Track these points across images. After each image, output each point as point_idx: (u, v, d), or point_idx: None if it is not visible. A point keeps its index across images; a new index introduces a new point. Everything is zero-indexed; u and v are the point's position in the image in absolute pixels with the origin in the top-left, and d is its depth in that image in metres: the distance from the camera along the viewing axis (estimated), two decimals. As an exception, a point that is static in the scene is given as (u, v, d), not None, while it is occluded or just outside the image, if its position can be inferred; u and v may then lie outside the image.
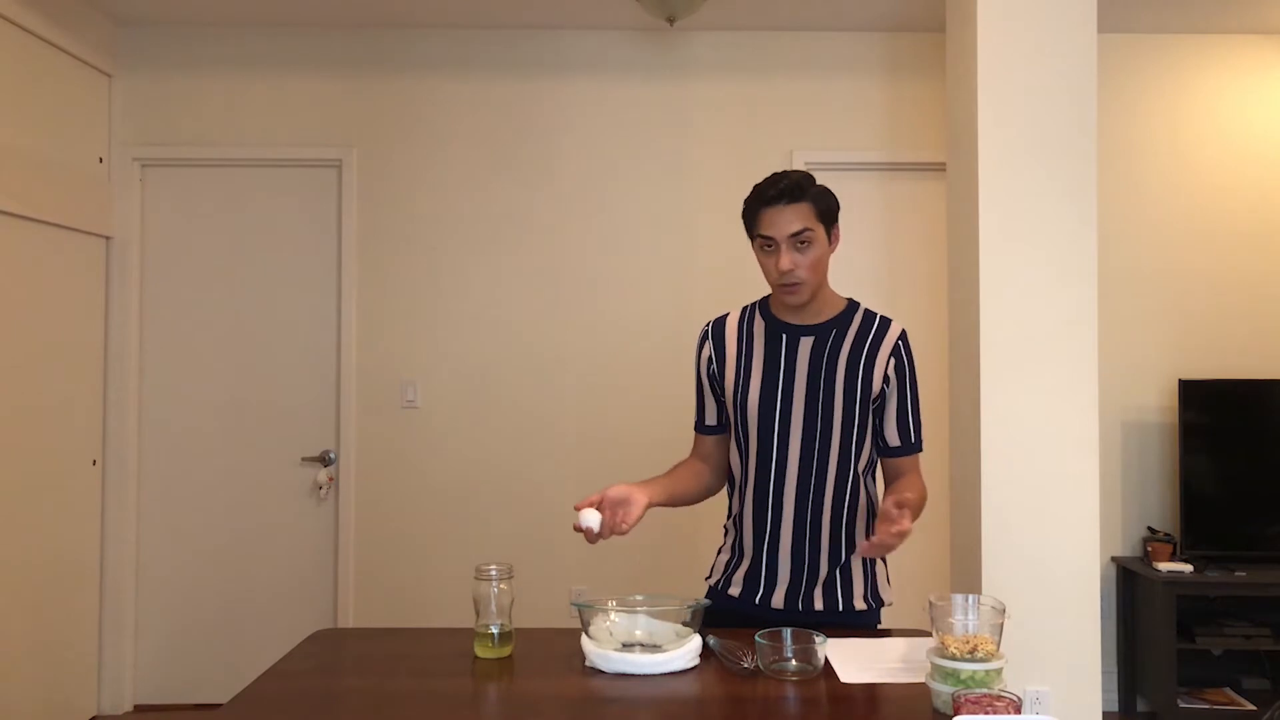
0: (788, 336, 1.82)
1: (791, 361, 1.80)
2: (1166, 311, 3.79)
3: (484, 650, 1.58)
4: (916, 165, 3.81)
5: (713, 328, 1.91)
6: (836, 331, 1.81)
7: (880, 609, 1.85)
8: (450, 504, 3.75)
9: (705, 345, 1.91)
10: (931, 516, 3.81)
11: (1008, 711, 1.18)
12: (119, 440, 3.69)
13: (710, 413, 1.93)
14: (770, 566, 1.81)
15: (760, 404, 1.80)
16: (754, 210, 1.78)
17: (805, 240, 1.74)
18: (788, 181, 1.74)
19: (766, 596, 1.80)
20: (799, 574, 1.79)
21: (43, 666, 3.29)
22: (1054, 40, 2.74)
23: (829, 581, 1.79)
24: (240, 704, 1.37)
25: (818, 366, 1.79)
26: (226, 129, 3.78)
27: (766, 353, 1.82)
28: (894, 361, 1.79)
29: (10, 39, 3.14)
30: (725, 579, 1.87)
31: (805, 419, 1.78)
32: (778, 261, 1.74)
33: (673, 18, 3.08)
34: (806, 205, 1.74)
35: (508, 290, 3.79)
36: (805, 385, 1.78)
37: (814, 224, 1.75)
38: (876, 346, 1.80)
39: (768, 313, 1.87)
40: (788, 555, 1.79)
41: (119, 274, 3.72)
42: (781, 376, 1.80)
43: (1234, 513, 3.55)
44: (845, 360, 1.79)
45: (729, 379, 1.86)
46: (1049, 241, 2.74)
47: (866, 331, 1.81)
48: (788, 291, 1.76)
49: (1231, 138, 3.80)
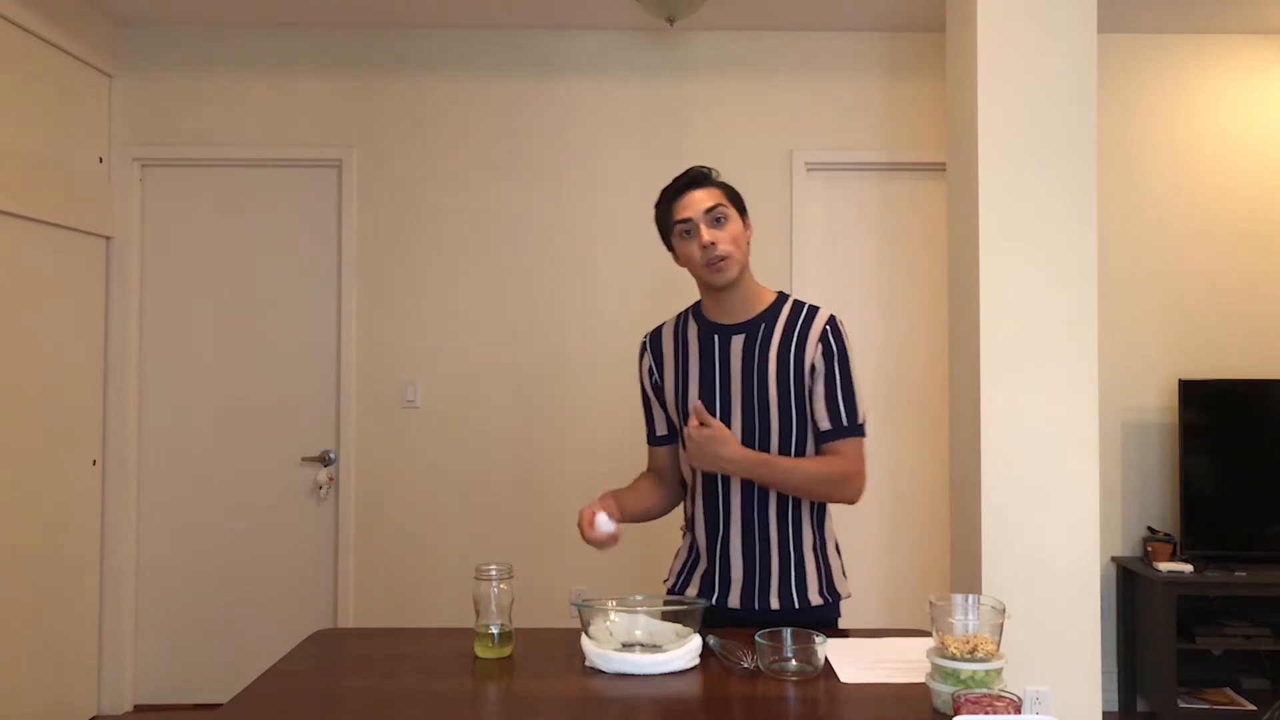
0: (719, 337, 1.83)
1: (725, 362, 1.81)
2: (1166, 311, 3.79)
3: (484, 650, 1.58)
4: (916, 165, 3.81)
5: (650, 339, 1.94)
6: (765, 326, 1.82)
7: (838, 603, 1.85)
8: (450, 504, 3.75)
9: (645, 357, 1.93)
10: (932, 516, 3.82)
11: (1008, 711, 1.18)
12: (119, 440, 3.69)
13: (659, 423, 1.95)
14: (723, 567, 1.82)
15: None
16: (666, 204, 1.82)
17: (720, 216, 1.77)
18: (694, 171, 1.83)
19: (723, 597, 1.81)
20: (750, 573, 1.80)
21: (43, 666, 3.29)
22: (1054, 40, 2.74)
23: (783, 578, 1.80)
24: (240, 704, 1.37)
25: (750, 363, 1.80)
26: (226, 129, 3.78)
27: (702, 357, 1.84)
28: (821, 347, 1.80)
29: (10, 39, 3.14)
30: (684, 580, 1.89)
31: (743, 418, 1.79)
32: (700, 239, 1.76)
33: (673, 18, 3.08)
34: (716, 189, 1.81)
35: (508, 290, 3.79)
36: (740, 384, 1.80)
37: (725, 203, 1.79)
38: (805, 335, 1.81)
39: (700, 316, 1.88)
40: (739, 555, 1.80)
41: (119, 274, 3.72)
42: (718, 378, 1.81)
43: (1234, 513, 3.55)
44: (776, 354, 1.80)
45: (669, 387, 1.88)
46: (1049, 241, 2.74)
47: (795, 322, 1.82)
48: (715, 269, 1.76)
49: (1231, 138, 3.80)
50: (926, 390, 3.82)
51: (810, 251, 3.79)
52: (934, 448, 3.82)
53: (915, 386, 3.83)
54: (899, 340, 3.83)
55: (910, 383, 3.83)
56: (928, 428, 3.82)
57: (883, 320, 3.82)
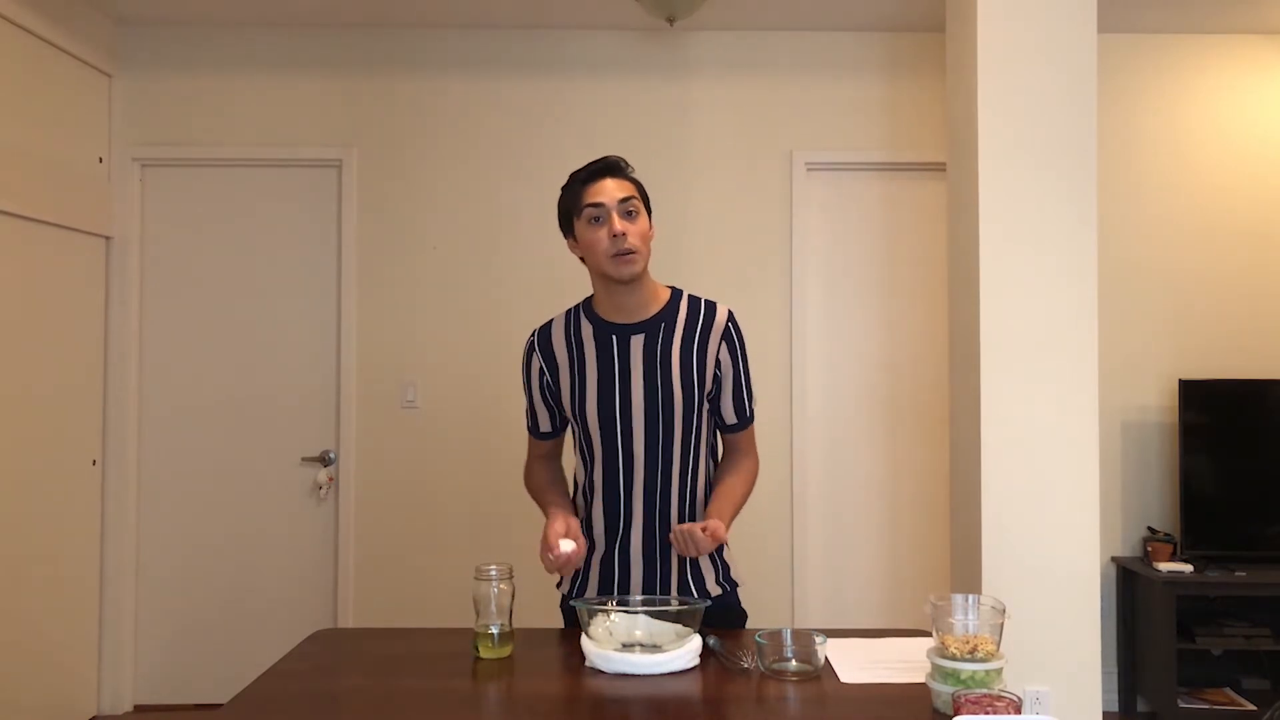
0: (618, 337, 1.80)
1: (625, 363, 1.78)
2: (1166, 311, 3.79)
3: (484, 650, 1.58)
4: (916, 165, 3.81)
5: (539, 338, 1.86)
6: (665, 325, 1.80)
7: (735, 590, 1.86)
8: (450, 504, 3.75)
9: (534, 358, 1.86)
10: (932, 516, 3.82)
11: (1008, 711, 1.18)
12: (119, 440, 3.69)
13: (544, 420, 1.90)
14: (623, 566, 1.81)
15: (600, 411, 1.79)
16: (577, 187, 1.77)
17: (632, 210, 1.75)
18: (609, 159, 1.78)
19: (622, 593, 1.80)
20: (651, 572, 1.80)
21: (43, 666, 3.29)
22: (1054, 40, 2.74)
23: (681, 575, 1.80)
24: (240, 704, 1.37)
25: (652, 364, 1.77)
26: (227, 129, 3.78)
27: (599, 357, 1.80)
28: (725, 345, 1.80)
29: (10, 39, 3.14)
30: (579, 586, 1.85)
31: (646, 419, 1.77)
32: (610, 228, 1.72)
33: (673, 18, 3.08)
34: (628, 181, 1.78)
35: (508, 290, 3.79)
36: (643, 385, 1.77)
37: (638, 198, 1.77)
38: (707, 334, 1.80)
39: (593, 315, 1.83)
40: (639, 554, 1.80)
41: (119, 274, 3.72)
42: (617, 380, 1.78)
43: (1234, 513, 3.55)
44: (679, 353, 1.78)
45: (564, 389, 1.83)
46: (1049, 241, 2.74)
47: (695, 320, 1.81)
48: (623, 261, 1.72)
49: (1231, 138, 3.80)
50: (926, 390, 3.82)
51: (810, 251, 3.79)
52: (934, 448, 3.82)
53: (915, 386, 3.83)
54: (899, 340, 3.83)
55: (910, 383, 3.83)
56: (928, 428, 3.82)
57: (883, 320, 3.82)
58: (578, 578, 1.87)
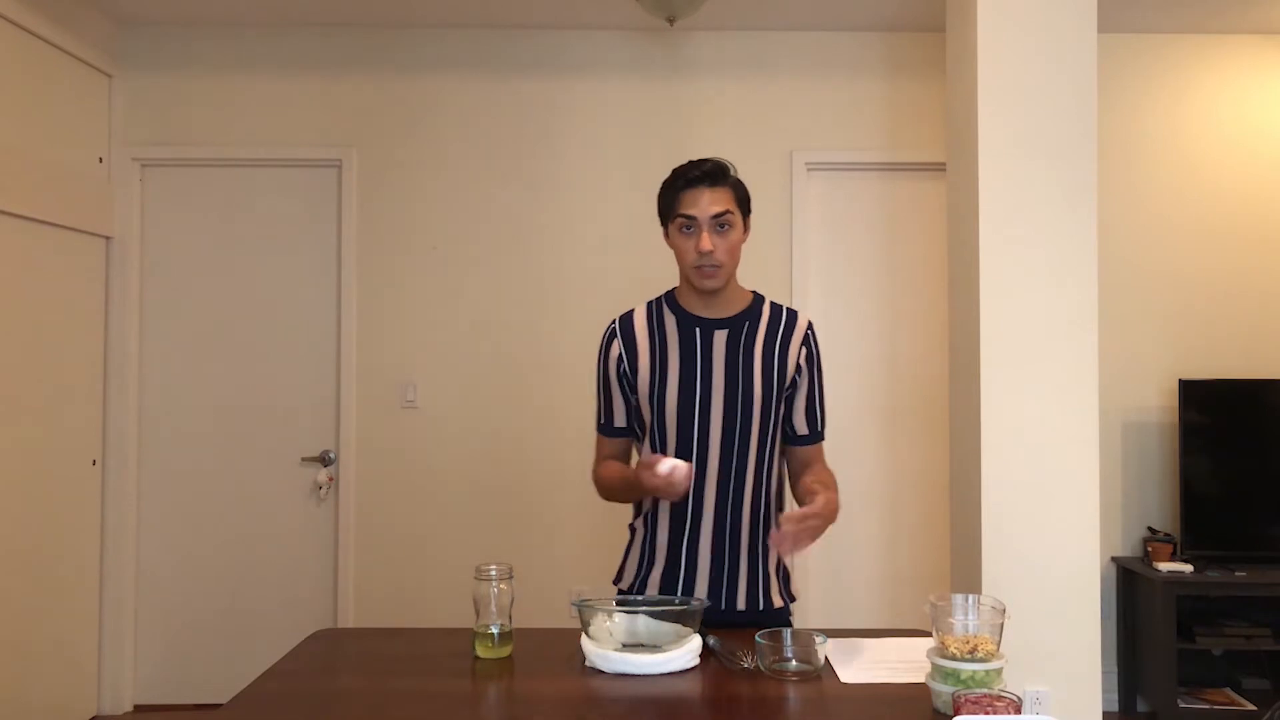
0: (701, 330, 1.80)
1: (708, 356, 1.79)
2: (1166, 311, 3.79)
3: (484, 650, 1.58)
4: (916, 165, 3.81)
5: (621, 325, 1.85)
6: (749, 324, 1.81)
7: (791, 604, 1.85)
8: (450, 504, 3.75)
9: (614, 344, 1.84)
10: (932, 516, 3.82)
11: (1008, 711, 1.18)
12: (119, 440, 3.69)
13: (619, 415, 1.86)
14: (690, 566, 1.79)
15: (680, 400, 1.77)
16: (674, 191, 1.77)
17: (726, 223, 1.75)
18: (711, 164, 1.76)
19: (686, 596, 1.78)
20: (719, 572, 1.78)
21: (43, 666, 3.29)
22: (1054, 40, 2.74)
23: (750, 580, 1.79)
24: (240, 704, 1.37)
25: (734, 360, 1.78)
26: (227, 129, 3.78)
27: (682, 348, 1.80)
28: (805, 351, 1.82)
29: (10, 39, 3.14)
30: (640, 582, 1.84)
31: (725, 414, 1.77)
32: (698, 242, 1.73)
33: (673, 18, 3.08)
34: (728, 190, 1.76)
35: (508, 290, 3.79)
36: (724, 379, 1.77)
37: (734, 209, 1.76)
38: (789, 337, 1.81)
39: (676, 306, 1.84)
40: (708, 553, 1.78)
41: (119, 274, 3.72)
42: (699, 371, 1.78)
43: (1234, 513, 3.55)
44: (760, 352, 1.79)
45: (643, 377, 1.81)
46: (1049, 242, 2.74)
47: (777, 323, 1.82)
48: (706, 274, 1.75)
49: (1231, 138, 3.80)
50: (926, 390, 3.82)
51: (810, 251, 3.79)
52: (934, 448, 3.82)
53: (915, 386, 3.83)
54: (899, 340, 3.83)
55: (910, 383, 3.83)
56: (928, 428, 3.82)
57: (883, 320, 3.82)
58: (639, 572, 1.83)
